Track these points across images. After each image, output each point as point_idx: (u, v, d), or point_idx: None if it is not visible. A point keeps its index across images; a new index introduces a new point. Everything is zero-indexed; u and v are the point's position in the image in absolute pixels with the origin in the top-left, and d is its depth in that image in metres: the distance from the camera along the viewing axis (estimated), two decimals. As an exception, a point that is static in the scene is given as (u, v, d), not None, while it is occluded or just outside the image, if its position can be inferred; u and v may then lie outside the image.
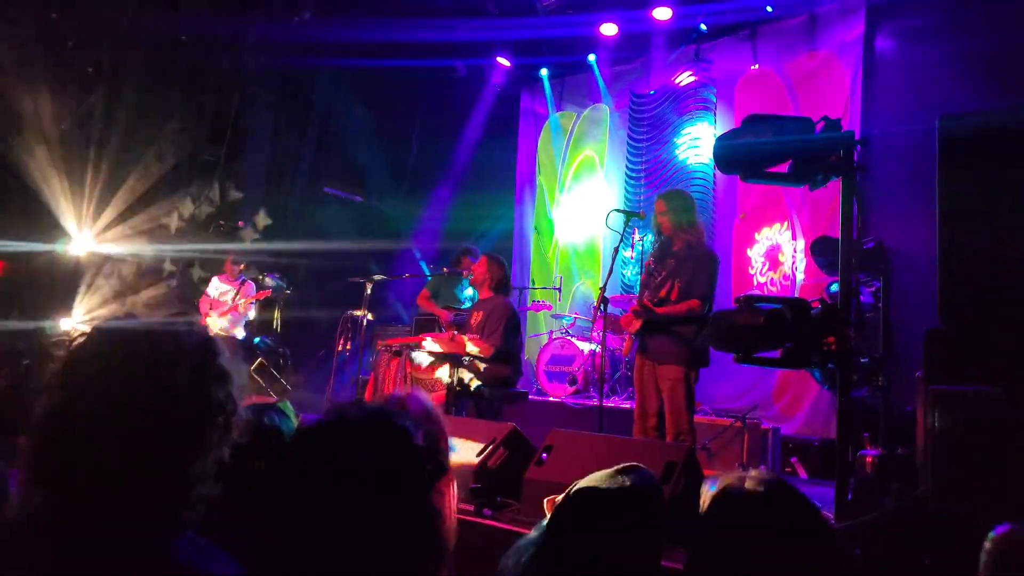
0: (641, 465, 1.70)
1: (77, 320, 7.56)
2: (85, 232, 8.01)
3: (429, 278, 7.27)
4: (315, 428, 1.21)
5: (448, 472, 1.42)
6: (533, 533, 1.58)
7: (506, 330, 5.52)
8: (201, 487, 1.14)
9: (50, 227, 7.93)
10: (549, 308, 8.64)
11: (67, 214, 7.87)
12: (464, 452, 3.82)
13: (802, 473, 6.02)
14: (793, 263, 7.31)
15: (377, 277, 6.85)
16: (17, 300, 7.82)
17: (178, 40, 7.98)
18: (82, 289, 7.81)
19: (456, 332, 5.60)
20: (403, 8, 8.28)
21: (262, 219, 8.20)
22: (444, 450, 1.28)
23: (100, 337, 1.20)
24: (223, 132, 8.99)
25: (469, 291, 6.98)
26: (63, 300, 7.80)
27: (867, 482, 3.29)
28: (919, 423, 2.84)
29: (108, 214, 8.05)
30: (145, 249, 8.24)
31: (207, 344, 1.24)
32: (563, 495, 1.60)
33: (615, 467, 1.64)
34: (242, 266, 7.94)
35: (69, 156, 7.76)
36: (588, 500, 1.56)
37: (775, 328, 2.64)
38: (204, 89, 8.75)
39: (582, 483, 1.61)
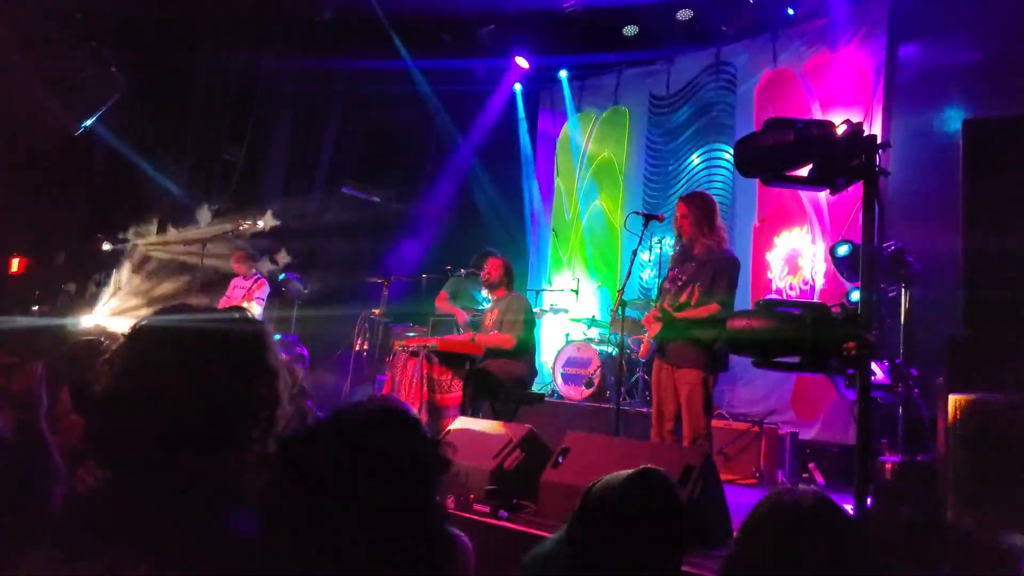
0: (657, 468, 1.70)
1: (101, 318, 7.66)
2: (109, 233, 8.12)
3: (450, 279, 7.29)
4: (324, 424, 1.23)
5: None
6: (550, 544, 1.58)
7: (525, 323, 5.71)
8: (245, 476, 1.17)
9: (71, 226, 8.04)
10: (566, 311, 8.62)
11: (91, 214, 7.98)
12: (480, 453, 3.83)
13: (819, 479, 5.98)
14: (812, 268, 7.25)
15: (395, 277, 6.89)
16: (38, 296, 7.93)
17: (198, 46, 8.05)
18: (108, 288, 7.91)
19: (475, 334, 5.65)
20: (423, 8, 8.31)
21: (268, 220, 8.24)
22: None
23: (154, 327, 1.25)
24: (243, 132, 9.07)
25: (485, 293, 7.02)
26: (87, 298, 7.91)
27: (886, 489, 3.26)
28: (939, 430, 2.81)
29: (131, 213, 8.15)
30: (169, 249, 8.33)
31: (255, 340, 1.26)
32: (580, 499, 1.60)
33: (630, 470, 1.64)
34: (249, 263, 7.97)
35: (90, 156, 7.88)
36: (607, 506, 1.55)
37: (794, 332, 2.62)
38: (224, 88, 8.83)
39: (599, 486, 1.61)
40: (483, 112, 10.01)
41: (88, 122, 7.64)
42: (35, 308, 7.74)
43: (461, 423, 4.50)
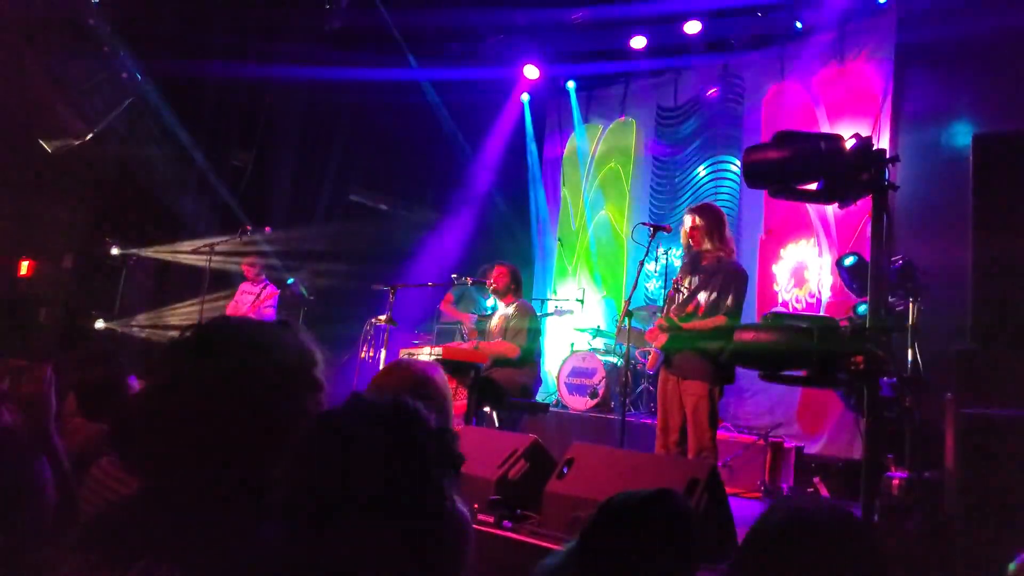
0: (675, 490, 1.69)
1: (115, 321, 7.69)
2: (118, 237, 8.15)
3: (454, 285, 7.30)
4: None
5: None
6: (560, 557, 1.57)
7: (530, 332, 5.69)
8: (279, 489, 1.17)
9: (82, 229, 8.07)
10: (570, 314, 8.59)
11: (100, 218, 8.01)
12: (484, 463, 3.82)
13: (824, 493, 5.95)
14: (819, 280, 7.24)
15: (401, 284, 6.89)
16: (46, 299, 7.96)
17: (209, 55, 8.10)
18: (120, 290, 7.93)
19: (479, 342, 5.65)
20: (432, 18, 8.35)
21: (268, 236, 8.27)
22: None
23: (201, 338, 1.24)
24: (252, 137, 9.11)
25: (491, 301, 7.03)
26: (99, 301, 7.93)
27: (893, 505, 3.24)
28: (948, 446, 2.79)
29: (139, 218, 8.18)
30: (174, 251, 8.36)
31: (305, 355, 1.26)
32: (591, 515, 1.59)
33: (648, 490, 1.63)
34: (258, 269, 7.99)
35: (101, 161, 7.91)
36: (622, 524, 1.55)
37: (801, 346, 2.61)
38: (234, 93, 8.88)
39: (615, 503, 1.60)
40: (491, 122, 10.04)
41: (99, 127, 7.68)
42: (42, 310, 7.76)
43: (465, 432, 4.48)
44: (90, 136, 7.65)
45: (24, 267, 7.91)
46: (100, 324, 8.04)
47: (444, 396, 2.35)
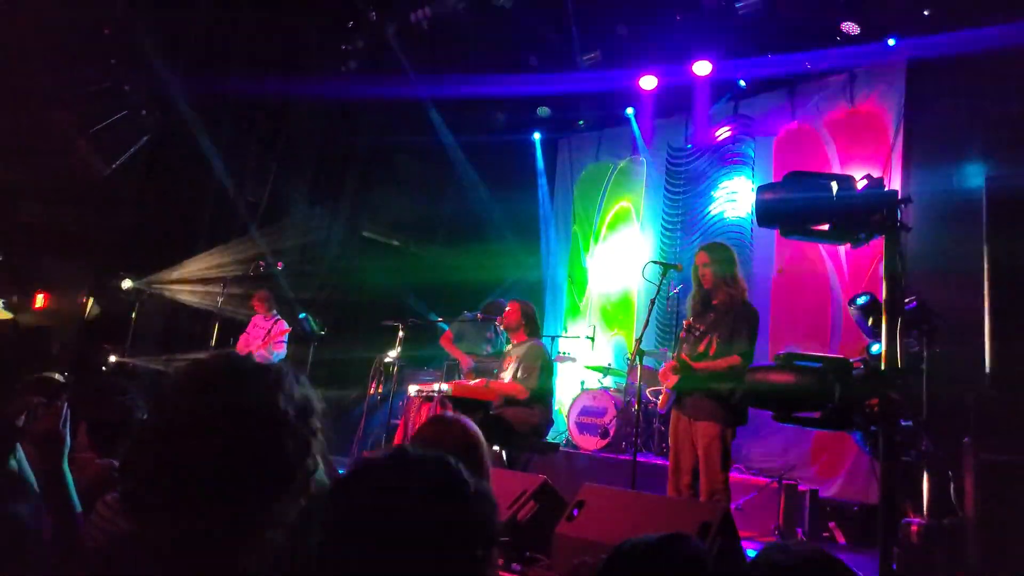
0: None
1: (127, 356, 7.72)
2: (132, 273, 8.23)
3: (460, 319, 7.28)
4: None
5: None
6: None
7: (541, 371, 5.60)
8: (271, 532, 1.15)
9: (97, 266, 8.15)
10: (580, 358, 8.56)
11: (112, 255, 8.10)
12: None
13: (840, 539, 5.83)
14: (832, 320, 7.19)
15: (411, 320, 6.90)
16: (60, 334, 8.01)
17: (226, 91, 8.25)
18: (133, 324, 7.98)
19: (489, 380, 5.61)
20: (446, 62, 8.47)
21: (279, 271, 8.33)
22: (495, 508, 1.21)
23: (198, 373, 1.23)
24: (267, 174, 9.23)
25: (488, 347, 7.01)
26: (111, 337, 7.97)
27: (912, 552, 3.17)
28: (967, 491, 2.74)
29: (154, 255, 8.26)
30: (188, 289, 8.42)
31: (309, 400, 1.26)
32: (600, 560, 1.56)
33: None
34: (270, 303, 8.03)
35: (116, 199, 8.03)
36: (631, 570, 1.52)
37: (815, 387, 2.58)
38: (250, 132, 9.02)
39: (628, 546, 1.57)
40: (502, 160, 10.12)
41: (117, 163, 7.80)
42: (56, 344, 7.81)
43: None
44: (109, 172, 7.78)
45: (39, 299, 7.99)
46: (113, 358, 8.07)
47: (484, 455, 2.32)
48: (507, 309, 6.03)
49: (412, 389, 6.01)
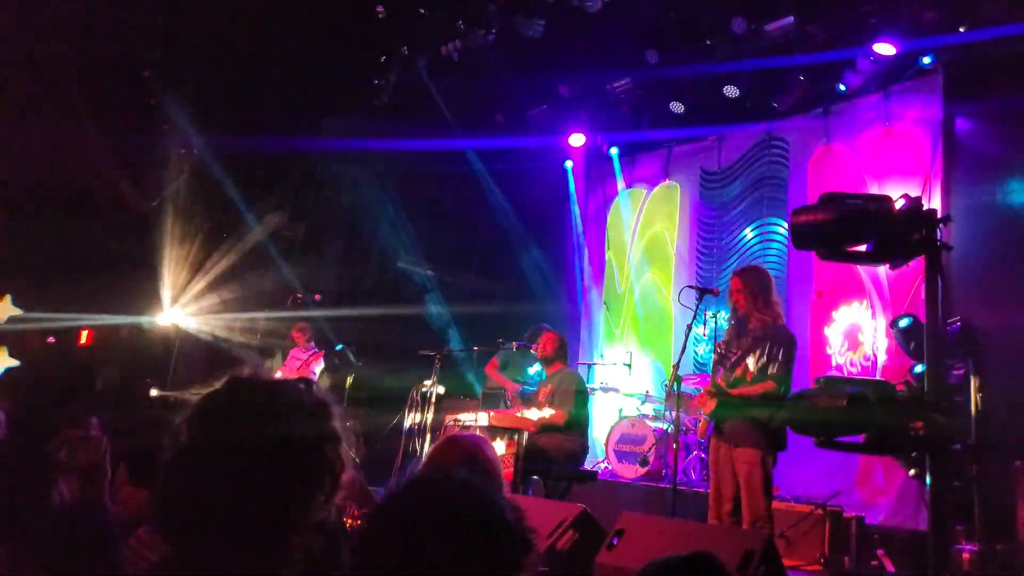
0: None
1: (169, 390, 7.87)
2: (173, 307, 8.41)
3: (500, 350, 7.32)
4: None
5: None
6: None
7: (577, 396, 5.65)
8: (303, 536, 1.17)
9: (138, 299, 8.35)
10: (617, 390, 8.49)
11: (155, 288, 8.28)
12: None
13: (889, 567, 5.65)
14: (874, 343, 7.04)
15: (447, 350, 6.94)
16: (104, 367, 8.19)
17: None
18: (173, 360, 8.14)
19: (525, 407, 5.61)
20: (479, 91, 8.60)
21: (318, 303, 8.48)
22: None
23: (223, 396, 1.27)
24: (303, 210, 9.41)
25: (535, 368, 7.01)
26: (153, 370, 8.14)
27: (964, 581, 3.06)
28: (1020, 517, 2.65)
29: (194, 289, 8.44)
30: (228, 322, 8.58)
31: (324, 406, 1.28)
32: None
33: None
34: (308, 335, 8.13)
35: (157, 233, 8.24)
36: None
37: (858, 412, 2.53)
38: (286, 168, 9.22)
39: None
40: (535, 189, 10.17)
41: (157, 200, 8.03)
42: (99, 380, 7.98)
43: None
44: (149, 208, 8.00)
45: (84, 336, 8.19)
46: (154, 392, 8.22)
47: (494, 466, 2.34)
48: (544, 338, 6.07)
49: (450, 419, 6.02)
